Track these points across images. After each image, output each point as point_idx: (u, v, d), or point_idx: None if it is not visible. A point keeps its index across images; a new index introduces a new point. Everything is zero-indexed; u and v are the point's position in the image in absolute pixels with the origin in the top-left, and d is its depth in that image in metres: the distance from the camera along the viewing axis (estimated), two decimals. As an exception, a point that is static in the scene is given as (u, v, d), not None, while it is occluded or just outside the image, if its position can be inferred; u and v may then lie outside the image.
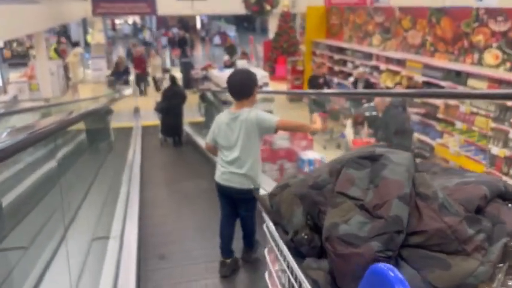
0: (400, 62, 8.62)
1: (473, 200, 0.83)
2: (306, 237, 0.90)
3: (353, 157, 0.90)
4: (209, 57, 19.19)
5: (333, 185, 0.90)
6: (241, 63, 7.74)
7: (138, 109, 12.16)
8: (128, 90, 13.47)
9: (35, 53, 10.00)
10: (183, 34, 21.39)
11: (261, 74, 7.80)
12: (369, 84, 8.94)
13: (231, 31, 30.83)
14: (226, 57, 12.56)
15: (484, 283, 0.74)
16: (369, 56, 9.73)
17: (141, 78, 13.60)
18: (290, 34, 16.88)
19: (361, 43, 10.64)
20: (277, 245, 1.02)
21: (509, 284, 0.75)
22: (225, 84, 3.02)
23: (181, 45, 19.72)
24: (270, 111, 7.69)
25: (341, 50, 11.06)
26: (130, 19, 39.33)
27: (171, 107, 8.55)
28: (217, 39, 29.09)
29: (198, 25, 35.69)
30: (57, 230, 2.40)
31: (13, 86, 9.99)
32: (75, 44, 22.07)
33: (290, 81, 13.32)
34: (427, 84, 7.68)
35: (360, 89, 8.33)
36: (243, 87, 2.73)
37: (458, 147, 6.93)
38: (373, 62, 9.46)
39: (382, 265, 0.62)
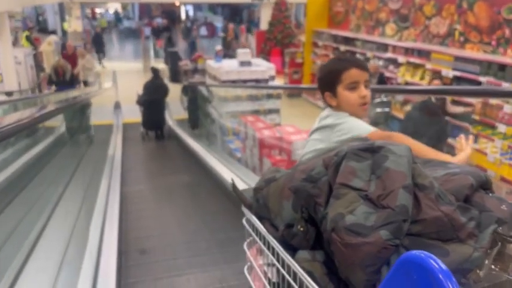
0: (422, 54, 7.52)
1: (462, 190, 0.87)
2: (302, 229, 0.89)
3: (353, 149, 0.89)
4: (197, 49, 17.86)
5: (328, 177, 0.89)
6: (244, 53, 6.50)
7: (119, 104, 10.86)
8: (107, 83, 12.16)
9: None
10: (167, 23, 20.02)
11: (267, 66, 6.61)
12: (382, 80, 7.82)
13: (218, 22, 29.56)
14: (218, 47, 11.34)
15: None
16: (383, 47, 8.61)
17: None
18: (285, 24, 15.71)
19: (372, 33, 9.51)
20: (261, 239, 1.00)
21: (496, 269, 0.79)
22: (224, 77, 2.56)
23: (165, 34, 18.36)
24: (277, 110, 6.55)
25: (348, 41, 9.93)
26: (112, 8, 37.65)
27: (153, 100, 8.25)
28: (203, 30, 27.82)
29: (183, 16, 34.27)
30: (35, 225, 2.42)
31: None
32: (52, 33, 20.44)
33: (288, 75, 12.14)
34: (458, 79, 6.60)
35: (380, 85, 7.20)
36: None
37: (500, 154, 5.86)
38: (389, 54, 8.34)
39: (418, 252, 0.58)
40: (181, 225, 3.83)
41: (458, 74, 6.55)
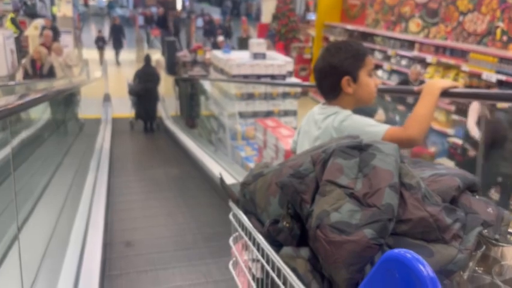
0: (456, 54, 6.65)
1: (449, 191, 0.87)
2: (287, 225, 0.88)
3: (341, 147, 0.89)
4: (195, 40, 16.86)
5: (315, 173, 0.88)
6: (258, 43, 5.55)
7: (108, 96, 9.85)
8: (97, 72, 11.14)
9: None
10: (163, 12, 18.95)
11: (284, 60, 5.66)
12: (405, 81, 6.92)
13: (215, 14, 28.50)
14: (220, 38, 10.41)
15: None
16: (408, 44, 7.71)
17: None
18: (290, 18, 14.77)
19: (392, 28, 8.61)
20: (247, 234, 0.99)
21: (480, 271, 0.79)
22: (235, 71, 2.85)
23: (161, 24, 17.31)
24: (294, 112, 5.62)
25: (366, 37, 9.02)
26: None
27: (145, 89, 7.97)
28: (200, 22, 26.73)
29: (179, 6, 33.14)
30: (17, 214, 2.28)
31: None
32: (41, 17, 19.24)
33: (294, 72, 11.18)
34: (501, 84, 5.74)
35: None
36: (321, 78, 1.59)
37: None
38: (415, 52, 7.44)
39: (401, 251, 0.59)
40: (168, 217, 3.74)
41: (502, 77, 5.68)
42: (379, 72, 8.41)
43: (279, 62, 5.48)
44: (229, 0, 30.19)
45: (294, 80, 5.43)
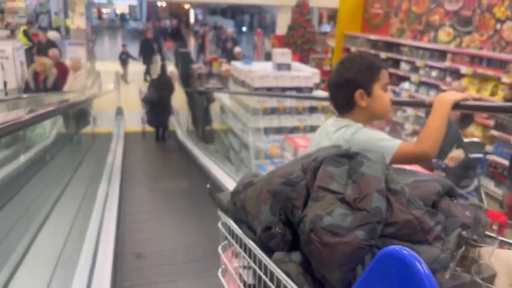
0: (494, 64, 6.14)
1: (430, 196, 0.93)
2: (279, 231, 0.91)
3: (331, 155, 0.94)
4: (209, 52, 16.57)
5: (306, 181, 0.93)
6: (283, 53, 5.11)
7: (121, 110, 9.49)
8: (110, 85, 10.81)
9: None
10: (176, 24, 18.71)
11: (310, 71, 5.21)
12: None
13: (229, 26, 28.33)
14: (237, 49, 10.04)
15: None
16: (438, 54, 7.22)
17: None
18: (306, 28, 14.40)
19: (419, 38, 8.12)
20: (238, 241, 1.02)
21: (459, 270, 0.84)
22: (257, 83, 2.97)
23: (175, 36, 17.05)
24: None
25: (390, 47, 8.55)
26: (119, 9, 36.63)
27: (161, 98, 8.04)
28: (211, 35, 26.52)
29: (192, 19, 33.12)
30: (30, 225, 2.51)
31: None
32: (55, 30, 19.15)
33: (313, 84, 10.75)
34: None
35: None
36: (335, 91, 1.62)
37: None
38: (447, 63, 6.94)
39: (398, 247, 0.62)
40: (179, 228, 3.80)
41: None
42: (406, 85, 7.92)
43: (306, 73, 5.03)
44: (246, 13, 30.04)
45: (320, 93, 4.97)
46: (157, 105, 8.07)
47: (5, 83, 7.69)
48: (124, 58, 14.55)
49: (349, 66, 1.53)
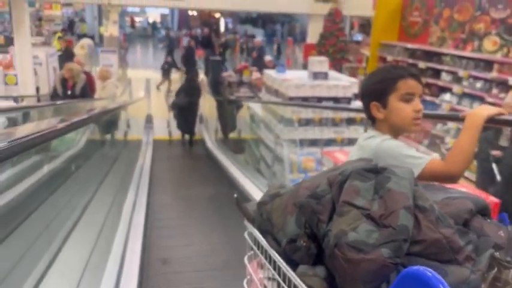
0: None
1: (461, 214, 0.90)
2: (304, 244, 0.91)
3: (357, 170, 0.92)
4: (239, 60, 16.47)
5: (332, 195, 0.92)
6: (320, 61, 4.85)
7: (151, 118, 9.41)
8: (141, 92, 10.79)
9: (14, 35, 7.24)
10: (208, 32, 18.73)
11: (349, 81, 4.92)
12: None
13: (259, 35, 28.29)
14: (268, 58, 9.85)
15: None
16: (484, 64, 6.79)
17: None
18: (339, 37, 14.08)
19: (462, 48, 7.71)
20: (263, 252, 1.02)
21: None
22: (292, 92, 2.46)
23: (206, 44, 17.03)
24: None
25: (430, 56, 8.16)
26: (151, 17, 37.20)
27: (190, 103, 8.16)
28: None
29: (222, 28, 33.30)
30: (59, 231, 2.62)
31: (-24, 76, 7.23)
32: (89, 37, 19.51)
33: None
34: None
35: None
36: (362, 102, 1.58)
37: None
38: (494, 74, 6.52)
39: (422, 268, 0.60)
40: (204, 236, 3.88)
41: None
42: (447, 96, 7.51)
43: (344, 82, 4.74)
44: (277, 23, 30.00)
45: (359, 104, 4.68)
46: (185, 110, 8.18)
47: (37, 89, 7.69)
48: (166, 68, 13.88)
49: (368, 78, 1.53)
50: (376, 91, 1.44)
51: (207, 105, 9.48)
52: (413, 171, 1.27)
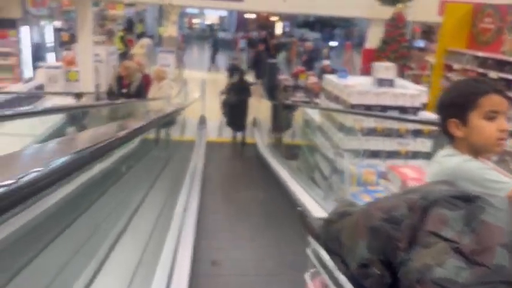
0: None
1: None
2: (378, 272, 0.84)
3: (445, 196, 0.83)
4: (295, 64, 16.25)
5: (412, 220, 0.83)
6: (386, 67, 4.56)
7: (204, 119, 9.39)
8: (196, 93, 10.82)
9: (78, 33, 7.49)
10: (265, 34, 18.67)
11: (416, 89, 4.58)
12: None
13: (315, 39, 27.93)
14: (326, 62, 9.59)
15: None
16: None
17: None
18: (401, 43, 13.51)
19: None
20: (328, 272, 0.97)
21: None
22: (355, 99, 2.73)
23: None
24: (427, 155, 4.49)
25: (502, 65, 7.57)
26: (209, 19, 37.80)
27: (240, 101, 8.23)
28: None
29: (279, 31, 33.25)
30: (114, 227, 2.73)
31: (42, 72, 7.47)
32: (148, 37, 20.06)
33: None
34: None
35: None
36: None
37: None
38: None
39: None
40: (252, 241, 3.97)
41: None
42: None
43: (411, 91, 4.41)
44: (336, 27, 29.55)
45: (427, 114, 4.33)
46: (235, 108, 8.31)
47: (96, 86, 7.86)
48: (233, 70, 14.32)
49: (447, 92, 1.38)
50: (455, 107, 1.31)
51: (260, 108, 9.35)
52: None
